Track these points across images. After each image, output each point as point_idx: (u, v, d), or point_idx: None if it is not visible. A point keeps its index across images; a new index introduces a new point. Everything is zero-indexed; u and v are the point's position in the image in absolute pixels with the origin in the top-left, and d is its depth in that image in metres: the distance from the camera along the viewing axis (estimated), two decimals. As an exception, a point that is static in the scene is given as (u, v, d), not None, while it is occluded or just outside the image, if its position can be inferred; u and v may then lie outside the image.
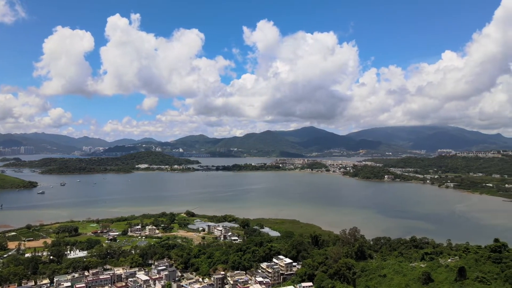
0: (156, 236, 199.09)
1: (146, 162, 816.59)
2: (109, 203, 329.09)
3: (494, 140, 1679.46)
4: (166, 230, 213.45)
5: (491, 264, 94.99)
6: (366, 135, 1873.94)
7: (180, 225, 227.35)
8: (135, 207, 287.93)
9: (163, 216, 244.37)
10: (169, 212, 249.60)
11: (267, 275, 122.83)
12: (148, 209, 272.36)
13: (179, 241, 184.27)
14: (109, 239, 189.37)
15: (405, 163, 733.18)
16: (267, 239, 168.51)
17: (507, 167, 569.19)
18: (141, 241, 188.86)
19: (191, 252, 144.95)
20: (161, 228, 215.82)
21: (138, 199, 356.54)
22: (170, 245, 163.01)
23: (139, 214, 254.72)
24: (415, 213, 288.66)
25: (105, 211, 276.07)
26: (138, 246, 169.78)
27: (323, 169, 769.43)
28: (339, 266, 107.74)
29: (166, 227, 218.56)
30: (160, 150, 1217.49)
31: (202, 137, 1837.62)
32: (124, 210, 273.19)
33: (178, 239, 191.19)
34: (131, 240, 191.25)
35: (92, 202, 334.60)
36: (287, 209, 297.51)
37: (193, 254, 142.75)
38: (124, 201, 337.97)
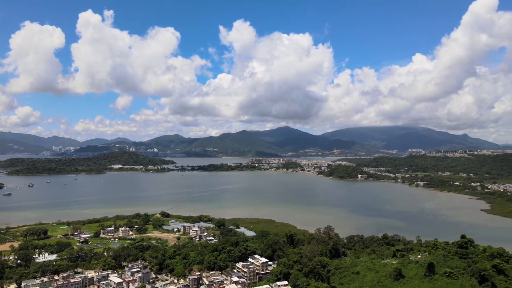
0: (129, 238, 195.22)
1: (120, 162, 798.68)
2: (80, 204, 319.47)
3: (461, 140, 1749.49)
4: (140, 232, 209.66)
5: (458, 259, 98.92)
6: (340, 135, 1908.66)
7: (154, 226, 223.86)
8: (108, 208, 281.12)
9: (137, 217, 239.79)
10: (144, 213, 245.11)
11: (242, 274, 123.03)
12: (122, 210, 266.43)
13: (153, 242, 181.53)
14: (81, 242, 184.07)
15: (378, 163, 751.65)
16: (243, 239, 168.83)
17: (473, 166, 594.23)
18: (114, 243, 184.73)
19: (166, 253, 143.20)
20: (135, 230, 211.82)
21: (111, 200, 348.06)
22: (144, 247, 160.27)
23: (112, 215, 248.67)
24: (387, 211, 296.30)
25: (76, 213, 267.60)
26: (111, 248, 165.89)
27: (298, 168, 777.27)
28: (314, 264, 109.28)
29: (140, 228, 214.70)
30: (134, 150, 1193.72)
31: (177, 137, 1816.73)
32: (96, 212, 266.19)
33: (153, 240, 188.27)
34: (103, 242, 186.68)
35: (63, 203, 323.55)
36: (263, 209, 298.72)
37: (168, 255, 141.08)
38: (96, 202, 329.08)
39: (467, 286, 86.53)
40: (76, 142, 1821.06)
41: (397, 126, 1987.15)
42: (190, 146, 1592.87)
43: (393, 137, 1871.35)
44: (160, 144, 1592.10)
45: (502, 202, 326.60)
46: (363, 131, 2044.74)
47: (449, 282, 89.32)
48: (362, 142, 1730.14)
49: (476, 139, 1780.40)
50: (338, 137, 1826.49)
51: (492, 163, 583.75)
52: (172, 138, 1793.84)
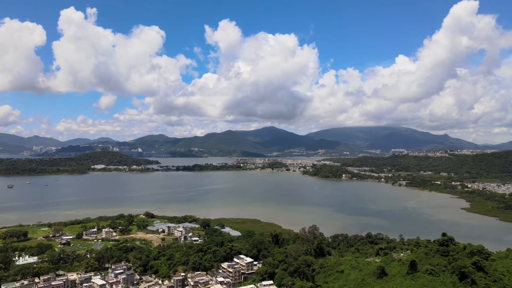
0: (113, 239, 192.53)
1: (103, 163, 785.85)
2: (62, 205, 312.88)
3: (442, 140, 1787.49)
4: (124, 233, 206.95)
5: (439, 257, 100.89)
6: (325, 135, 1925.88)
7: (139, 227, 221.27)
8: (90, 209, 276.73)
9: (121, 218, 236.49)
10: (127, 214, 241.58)
11: (228, 274, 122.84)
12: (105, 211, 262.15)
13: (137, 243, 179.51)
14: (62, 243, 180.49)
15: (362, 162, 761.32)
16: (228, 239, 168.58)
17: (453, 166, 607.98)
18: (97, 244, 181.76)
19: (150, 254, 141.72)
20: (119, 231, 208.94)
21: (94, 201, 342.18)
22: (128, 248, 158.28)
23: (95, 216, 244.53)
24: (370, 210, 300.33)
25: (57, 214, 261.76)
26: (93, 249, 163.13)
27: (284, 168, 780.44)
28: (299, 263, 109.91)
29: (124, 229, 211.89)
30: (117, 150, 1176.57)
31: (162, 137, 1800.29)
32: (78, 213, 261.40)
33: (137, 241, 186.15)
34: (86, 244, 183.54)
35: (44, 205, 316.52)
36: (248, 209, 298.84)
37: (153, 256, 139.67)
38: (78, 203, 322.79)
39: (448, 283, 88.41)
40: (57, 142, 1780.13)
41: (381, 126, 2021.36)
42: (175, 146, 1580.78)
43: (377, 137, 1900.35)
44: (145, 144, 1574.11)
45: (481, 201, 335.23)
46: (347, 131, 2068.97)
47: (431, 279, 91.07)
48: (346, 142, 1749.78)
49: (457, 139, 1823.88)
50: (323, 137, 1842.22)
51: (471, 163, 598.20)
52: (156, 138, 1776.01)
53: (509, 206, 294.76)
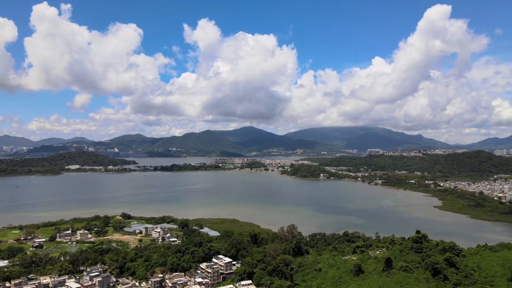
0: (88, 241, 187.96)
1: (78, 163, 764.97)
2: (34, 207, 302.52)
3: (416, 140, 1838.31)
4: (100, 234, 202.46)
5: (413, 254, 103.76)
6: (303, 135, 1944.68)
7: (115, 228, 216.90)
8: (64, 211, 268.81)
9: (97, 219, 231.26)
10: (103, 215, 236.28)
11: (206, 275, 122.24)
12: (80, 213, 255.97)
13: (114, 245, 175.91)
14: (34, 246, 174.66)
15: (339, 162, 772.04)
16: (207, 239, 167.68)
17: (426, 165, 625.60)
18: (71, 246, 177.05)
19: (127, 256, 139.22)
20: (94, 232, 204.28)
21: (68, 202, 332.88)
22: (104, 250, 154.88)
23: (69, 218, 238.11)
24: (348, 209, 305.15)
25: (29, 216, 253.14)
26: (68, 252, 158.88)
27: (262, 168, 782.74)
28: (277, 262, 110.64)
29: (100, 231, 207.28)
30: (93, 150, 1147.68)
31: (139, 137, 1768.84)
32: (52, 215, 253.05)
33: (113, 243, 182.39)
34: (60, 247, 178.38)
35: (14, 206, 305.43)
36: (227, 209, 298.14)
37: (129, 258, 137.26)
38: (52, 205, 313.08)
39: (422, 279, 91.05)
40: (29, 142, 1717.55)
41: (358, 127, 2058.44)
42: (153, 146, 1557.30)
43: (354, 137, 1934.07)
44: (121, 144, 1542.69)
45: (452, 199, 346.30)
46: (325, 131, 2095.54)
47: (405, 275, 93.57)
48: (324, 142, 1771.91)
49: (430, 139, 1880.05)
50: (301, 137, 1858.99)
51: (444, 162, 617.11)
52: (134, 137, 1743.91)
53: (478, 204, 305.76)
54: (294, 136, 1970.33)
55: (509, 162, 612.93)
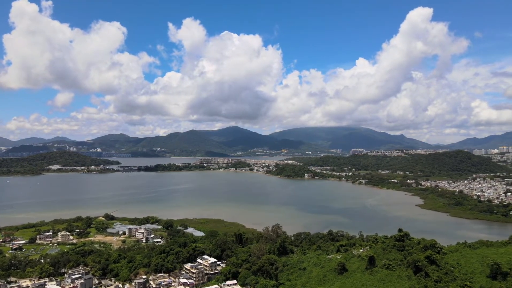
0: (70, 243, 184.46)
1: (59, 163, 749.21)
2: (13, 208, 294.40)
3: (398, 140, 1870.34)
4: (82, 236, 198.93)
5: (396, 252, 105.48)
6: (288, 135, 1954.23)
7: (98, 230, 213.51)
8: (45, 212, 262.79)
9: (79, 220, 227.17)
10: (86, 216, 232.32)
11: (191, 275, 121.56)
12: (61, 214, 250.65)
13: (96, 246, 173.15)
14: (14, 249, 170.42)
15: (324, 162, 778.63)
16: (191, 240, 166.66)
17: (408, 165, 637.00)
18: (52, 248, 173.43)
19: (110, 257, 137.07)
20: (76, 234, 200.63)
21: (49, 203, 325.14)
22: (86, 251, 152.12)
23: (50, 219, 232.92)
24: (332, 208, 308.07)
25: (8, 218, 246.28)
26: (48, 254, 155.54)
27: (247, 168, 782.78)
28: (262, 262, 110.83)
29: (82, 232, 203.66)
30: (75, 150, 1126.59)
31: (122, 136, 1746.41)
32: (32, 216, 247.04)
33: (96, 244, 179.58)
34: (40, 249, 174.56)
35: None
36: (212, 209, 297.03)
37: (112, 259, 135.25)
38: (32, 206, 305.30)
39: (404, 276, 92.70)
40: (8, 142, 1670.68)
41: (342, 127, 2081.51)
42: (137, 146, 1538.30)
43: (338, 137, 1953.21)
44: (104, 143, 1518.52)
45: (433, 198, 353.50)
46: (310, 131, 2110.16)
47: (388, 273, 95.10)
48: (309, 141, 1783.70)
49: (412, 139, 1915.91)
50: (286, 137, 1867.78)
51: (425, 162, 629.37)
52: (117, 137, 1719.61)
53: (458, 203, 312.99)
54: (279, 136, 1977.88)
55: (487, 161, 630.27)
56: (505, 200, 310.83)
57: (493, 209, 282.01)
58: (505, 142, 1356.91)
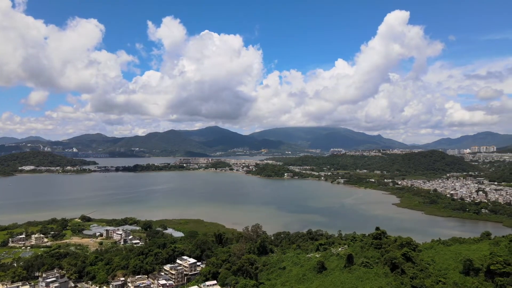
0: (44, 245, 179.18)
1: (32, 164, 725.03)
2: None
3: (376, 140, 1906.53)
4: (57, 238, 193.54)
5: (373, 250, 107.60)
6: (268, 135, 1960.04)
7: (73, 232, 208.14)
8: (18, 214, 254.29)
9: (53, 222, 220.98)
10: (61, 218, 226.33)
11: (170, 277, 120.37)
12: (35, 216, 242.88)
13: (72, 248, 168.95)
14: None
15: (303, 162, 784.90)
16: (171, 240, 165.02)
17: (386, 164, 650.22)
18: (25, 252, 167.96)
19: (86, 260, 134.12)
20: (51, 236, 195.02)
21: (22, 205, 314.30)
22: (61, 254, 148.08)
23: (23, 221, 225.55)
24: (311, 207, 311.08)
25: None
26: (21, 257, 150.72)
27: (227, 168, 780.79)
28: (242, 262, 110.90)
29: (57, 234, 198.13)
30: (49, 150, 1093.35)
31: (100, 136, 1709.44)
32: (3, 218, 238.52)
33: (72, 246, 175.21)
34: (12, 252, 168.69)
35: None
36: (191, 209, 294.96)
37: (89, 262, 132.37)
38: (3, 208, 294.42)
39: (381, 273, 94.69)
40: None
41: (321, 127, 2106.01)
42: (115, 146, 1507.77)
43: (318, 137, 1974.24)
44: (81, 143, 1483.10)
45: (409, 196, 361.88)
46: (290, 131, 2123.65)
47: (366, 271, 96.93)
48: (288, 141, 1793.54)
49: (388, 139, 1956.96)
50: (266, 137, 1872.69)
51: (401, 161, 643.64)
52: (94, 137, 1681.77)
53: (433, 201, 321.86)
54: (259, 136, 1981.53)
55: (460, 161, 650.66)
56: (476, 199, 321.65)
57: (466, 207, 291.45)
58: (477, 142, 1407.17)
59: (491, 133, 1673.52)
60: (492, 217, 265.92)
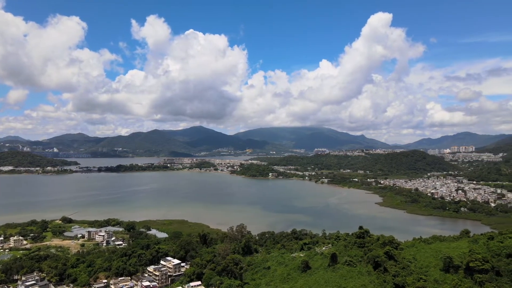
0: (23, 248, 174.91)
1: (11, 164, 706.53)
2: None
3: (359, 140, 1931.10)
4: (37, 240, 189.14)
5: (356, 248, 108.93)
6: (253, 135, 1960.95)
7: (54, 233, 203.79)
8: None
9: (33, 224, 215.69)
10: (41, 220, 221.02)
11: (154, 278, 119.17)
12: (13, 218, 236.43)
13: (53, 251, 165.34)
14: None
15: (287, 161, 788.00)
16: (155, 241, 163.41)
17: (368, 164, 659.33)
18: (3, 254, 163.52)
19: (67, 262, 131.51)
20: (30, 238, 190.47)
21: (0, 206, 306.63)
22: (41, 256, 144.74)
23: (2, 223, 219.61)
24: (296, 207, 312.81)
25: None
26: (0, 260, 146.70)
27: (212, 168, 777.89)
28: (227, 262, 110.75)
29: (37, 236, 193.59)
30: (29, 150, 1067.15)
31: (81, 136, 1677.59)
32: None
33: (52, 249, 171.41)
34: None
35: None
36: (176, 210, 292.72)
37: (70, 264, 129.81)
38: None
39: (364, 272, 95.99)
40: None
41: (305, 127, 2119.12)
42: (97, 146, 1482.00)
43: (302, 137, 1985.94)
44: (62, 143, 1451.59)
45: (392, 196, 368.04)
46: (274, 131, 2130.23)
47: (349, 269, 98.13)
48: (273, 141, 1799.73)
49: (371, 139, 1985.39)
50: (251, 137, 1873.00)
51: (384, 161, 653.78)
52: (75, 137, 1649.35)
53: (414, 200, 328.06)
54: (243, 136, 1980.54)
55: (440, 161, 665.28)
56: (456, 197, 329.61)
57: (446, 205, 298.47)
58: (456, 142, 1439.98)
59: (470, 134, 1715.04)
60: (471, 215, 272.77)
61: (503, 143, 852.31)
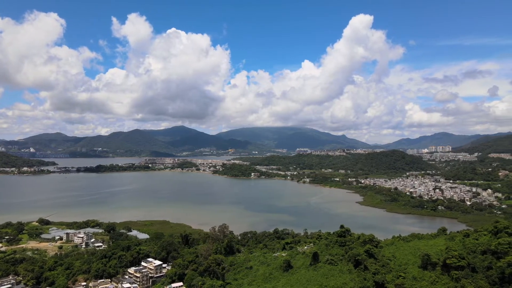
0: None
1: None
2: None
3: (340, 140, 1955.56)
4: (12, 243, 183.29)
5: (338, 247, 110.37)
6: (235, 135, 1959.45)
7: (31, 236, 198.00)
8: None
9: (8, 226, 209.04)
10: (16, 222, 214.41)
11: (135, 280, 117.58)
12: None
13: (29, 253, 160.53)
14: None
15: (270, 161, 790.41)
16: (135, 242, 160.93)
17: (349, 164, 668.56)
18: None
19: (44, 265, 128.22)
20: (5, 241, 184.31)
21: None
22: (17, 259, 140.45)
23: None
24: (278, 207, 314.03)
25: None
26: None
27: (194, 168, 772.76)
28: (209, 262, 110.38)
29: (12, 239, 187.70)
30: (4, 150, 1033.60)
31: (60, 136, 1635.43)
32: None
33: (29, 251, 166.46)
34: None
35: None
36: (157, 210, 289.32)
37: (48, 267, 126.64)
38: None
39: (345, 270, 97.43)
40: None
41: (288, 127, 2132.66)
42: (76, 146, 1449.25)
43: (284, 137, 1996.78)
44: (39, 143, 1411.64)
45: (372, 195, 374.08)
46: (257, 131, 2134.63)
47: (331, 268, 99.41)
48: (255, 141, 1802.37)
49: (352, 139, 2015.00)
50: (233, 137, 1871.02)
51: (364, 161, 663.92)
52: (53, 136, 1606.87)
53: (394, 199, 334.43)
54: (226, 136, 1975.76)
55: (418, 160, 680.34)
56: (434, 196, 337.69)
57: (424, 204, 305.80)
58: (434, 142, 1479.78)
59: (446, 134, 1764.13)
60: (448, 214, 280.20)
61: (478, 143, 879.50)
